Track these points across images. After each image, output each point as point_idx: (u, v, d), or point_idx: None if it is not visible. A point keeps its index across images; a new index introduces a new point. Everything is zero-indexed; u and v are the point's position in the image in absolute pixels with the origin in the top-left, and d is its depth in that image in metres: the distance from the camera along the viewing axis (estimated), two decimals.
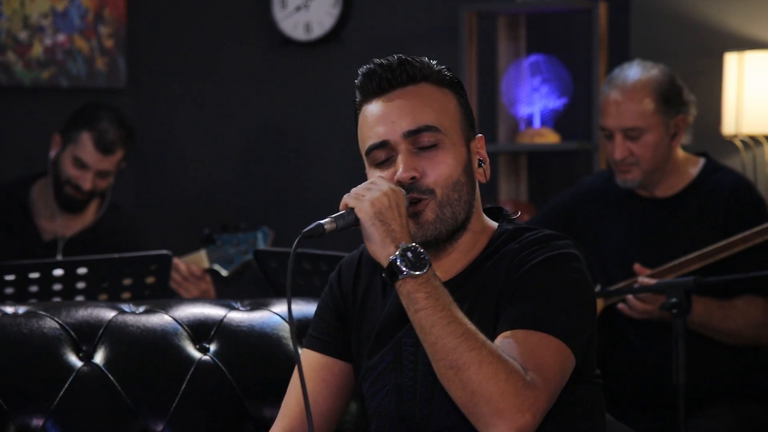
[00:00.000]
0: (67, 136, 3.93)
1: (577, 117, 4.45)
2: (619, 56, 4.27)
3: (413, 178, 1.96)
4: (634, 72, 3.37)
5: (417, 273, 1.88)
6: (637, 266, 3.25)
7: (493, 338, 1.91)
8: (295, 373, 2.08)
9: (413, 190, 1.96)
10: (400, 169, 1.96)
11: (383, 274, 1.91)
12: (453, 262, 2.01)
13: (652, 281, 3.14)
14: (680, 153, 3.42)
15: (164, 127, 4.92)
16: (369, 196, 1.92)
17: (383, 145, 1.99)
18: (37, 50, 4.74)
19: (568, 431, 1.97)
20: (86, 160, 3.90)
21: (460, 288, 1.98)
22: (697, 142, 3.51)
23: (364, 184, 1.96)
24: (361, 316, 2.08)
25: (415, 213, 1.97)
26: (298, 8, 4.73)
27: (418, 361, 1.98)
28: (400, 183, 1.96)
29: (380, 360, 2.02)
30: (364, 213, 1.92)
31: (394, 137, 1.98)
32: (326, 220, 1.93)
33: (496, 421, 1.83)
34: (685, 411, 2.89)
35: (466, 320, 1.88)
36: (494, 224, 2.06)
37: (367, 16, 4.70)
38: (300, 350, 2.11)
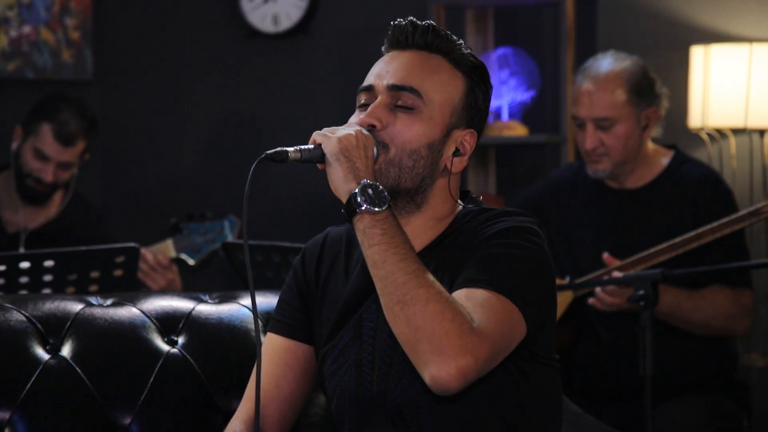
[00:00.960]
0: (28, 128, 3.90)
1: (545, 110, 4.46)
2: (587, 49, 4.28)
3: (372, 126, 1.98)
4: (607, 62, 3.39)
5: (376, 209, 1.89)
6: (606, 256, 3.27)
7: None
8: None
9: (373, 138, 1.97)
10: (366, 113, 1.99)
11: (342, 210, 1.91)
12: (413, 237, 1.98)
13: (621, 274, 3.16)
14: (650, 145, 3.44)
15: (131, 119, 4.90)
16: (338, 134, 1.94)
17: (369, 89, 2.01)
18: (3, 42, 4.70)
19: (523, 412, 1.97)
20: (47, 152, 3.86)
21: (422, 260, 1.97)
22: (664, 135, 3.53)
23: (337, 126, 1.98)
24: (322, 298, 2.08)
25: None
26: (265, 0, 4.71)
27: (377, 336, 1.99)
28: (360, 125, 1.97)
29: (341, 338, 2.03)
30: (330, 147, 1.93)
31: (380, 86, 2.01)
32: (292, 148, 1.96)
33: (436, 359, 1.82)
34: (652, 402, 2.91)
35: (419, 261, 1.88)
36: (457, 206, 2.07)
37: (336, 8, 4.69)
38: (265, 334, 2.13)
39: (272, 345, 2.10)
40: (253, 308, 1.97)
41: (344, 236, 2.09)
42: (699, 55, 3.93)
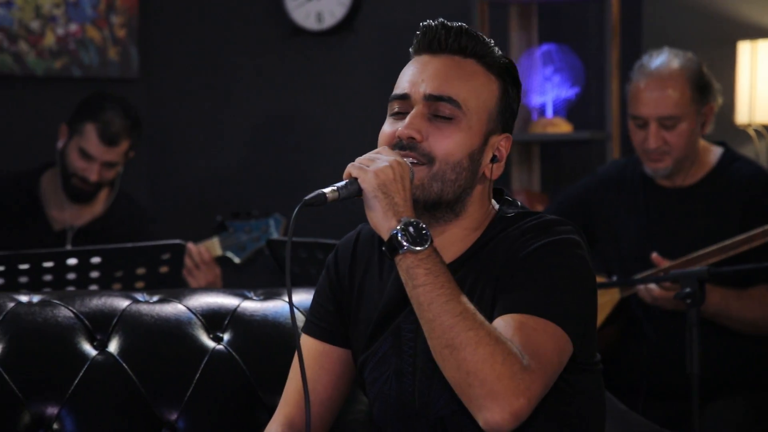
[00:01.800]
0: (73, 128, 3.93)
1: (589, 106, 4.44)
2: (632, 45, 4.26)
3: (412, 138, 1.93)
4: (666, 60, 3.34)
5: (418, 248, 1.85)
6: (654, 256, 3.24)
7: (491, 320, 1.89)
8: (295, 361, 2.07)
9: (413, 150, 1.93)
10: (405, 124, 1.94)
11: (383, 248, 1.88)
12: (447, 245, 1.96)
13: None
14: (701, 142, 3.40)
15: (176, 117, 4.92)
16: (373, 167, 1.89)
17: (404, 97, 1.96)
18: (50, 40, 4.74)
19: (569, 419, 1.95)
20: (91, 152, 3.89)
21: (459, 270, 1.96)
22: (711, 131, 3.50)
23: (369, 153, 1.93)
24: (358, 301, 2.05)
25: None
26: None
27: (417, 347, 1.96)
28: (399, 138, 1.93)
29: (380, 345, 2.00)
30: (367, 184, 1.88)
31: (416, 95, 1.95)
32: (329, 188, 1.90)
33: (489, 404, 1.80)
34: (699, 401, 2.88)
35: (465, 299, 1.85)
36: (494, 208, 2.02)
37: (379, 5, 4.69)
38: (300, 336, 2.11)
39: (307, 348, 2.08)
40: (293, 323, 1.96)
41: (377, 235, 2.03)
42: (746, 50, 3.90)
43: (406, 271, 1.86)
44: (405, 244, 1.85)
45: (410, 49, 2.01)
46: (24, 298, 2.37)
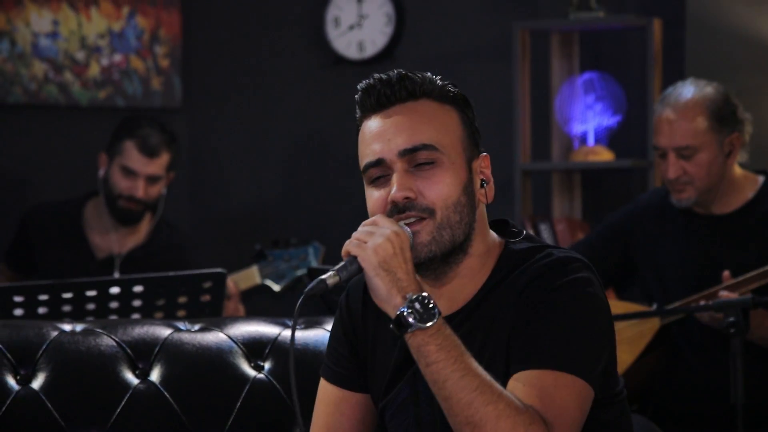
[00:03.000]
0: (112, 151, 3.99)
1: (631, 134, 4.42)
2: (674, 73, 4.24)
3: (407, 198, 1.88)
4: (687, 90, 3.34)
5: (426, 325, 1.80)
6: (726, 274, 3.21)
7: (506, 373, 1.85)
8: (317, 406, 2.03)
9: (411, 209, 1.88)
10: (394, 189, 1.88)
11: (391, 326, 1.83)
12: (458, 288, 1.93)
13: (734, 294, 3.11)
14: (738, 170, 3.38)
15: (218, 146, 4.96)
16: (372, 243, 1.84)
17: (378, 163, 1.91)
18: (94, 70, 4.79)
19: None
20: (133, 166, 3.94)
21: (470, 320, 1.91)
22: (753, 159, 3.47)
23: (364, 226, 1.88)
24: (374, 344, 1.99)
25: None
26: (351, 27, 4.75)
27: (435, 396, 1.89)
28: (394, 203, 1.88)
29: (398, 393, 1.95)
30: (367, 263, 1.83)
31: (390, 155, 1.90)
32: (328, 274, 1.85)
33: None
34: (744, 431, 2.85)
35: (480, 371, 1.80)
36: (500, 241, 1.96)
37: (420, 34, 4.71)
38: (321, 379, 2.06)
39: (326, 393, 2.03)
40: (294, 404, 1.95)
41: None
42: None
43: (416, 349, 1.81)
44: (412, 322, 1.80)
45: (357, 115, 1.96)
46: (67, 327, 2.39)
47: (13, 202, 4.56)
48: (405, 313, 1.81)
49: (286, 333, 2.45)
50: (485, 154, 1.97)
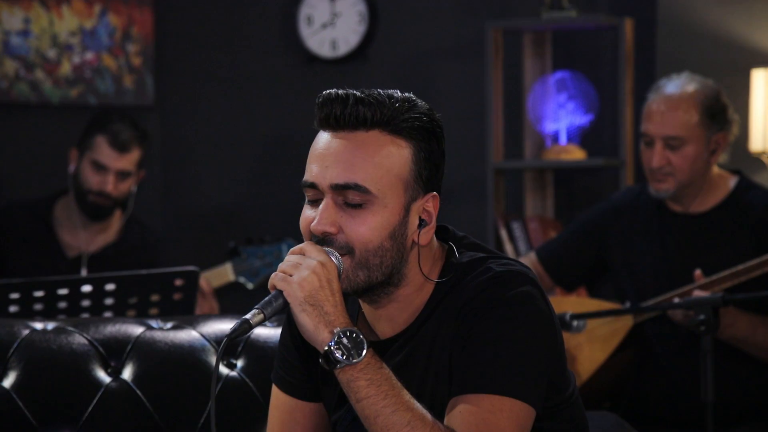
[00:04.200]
0: (83, 146, 3.98)
1: (603, 133, 4.44)
2: (646, 73, 4.26)
3: (326, 233, 1.83)
4: (683, 82, 3.35)
5: (354, 361, 1.76)
6: (697, 273, 3.22)
7: (449, 395, 1.82)
8: (271, 412, 2.00)
9: (330, 244, 1.83)
10: (316, 221, 1.83)
11: (320, 360, 1.79)
12: (397, 312, 1.88)
13: (706, 292, 3.12)
14: (715, 169, 3.40)
15: (191, 143, 4.95)
16: (297, 277, 1.79)
17: (312, 186, 1.85)
18: (66, 68, 4.77)
19: None
20: (104, 161, 3.93)
21: (411, 342, 1.88)
22: (726, 160, 3.50)
23: (291, 255, 1.82)
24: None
25: None
26: (324, 25, 4.75)
27: None
28: (314, 233, 1.84)
29: (348, 410, 1.90)
30: (293, 297, 1.78)
31: (323, 184, 1.84)
32: (252, 312, 1.80)
33: None
34: (714, 429, 2.87)
35: (411, 402, 1.77)
36: (441, 253, 1.91)
37: (393, 33, 4.71)
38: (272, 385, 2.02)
39: (279, 401, 2.00)
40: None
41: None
42: (760, 78, 3.90)
43: (346, 384, 1.78)
44: (341, 358, 1.77)
45: (314, 122, 1.89)
46: (38, 326, 2.38)
47: None
48: (332, 349, 1.77)
49: (259, 330, 2.45)
50: (434, 194, 1.87)
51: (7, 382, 2.29)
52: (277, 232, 4.33)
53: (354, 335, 1.78)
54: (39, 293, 3.17)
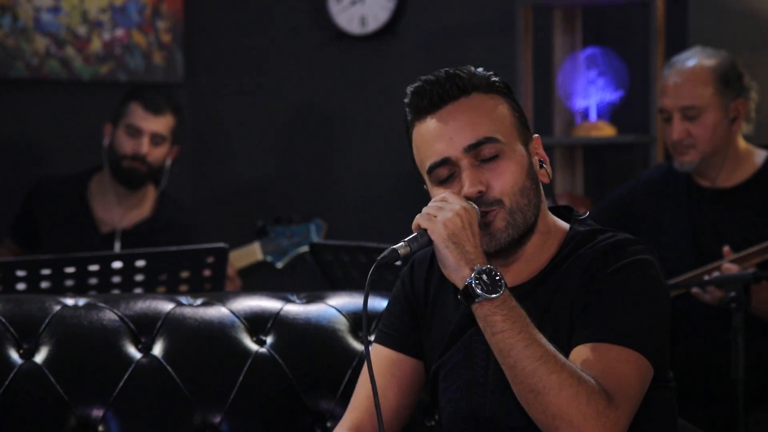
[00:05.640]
0: (117, 117, 4.01)
1: (633, 110, 4.42)
2: (677, 48, 4.22)
3: (480, 192, 1.96)
4: (693, 55, 3.37)
5: (493, 296, 1.87)
6: (726, 249, 3.22)
7: (567, 347, 1.91)
8: (366, 367, 2.07)
9: (481, 204, 1.95)
10: (467, 185, 1.95)
11: (458, 296, 1.91)
12: (523, 266, 2.00)
13: (736, 267, 3.11)
14: (742, 143, 3.39)
15: (220, 121, 4.95)
16: (441, 217, 1.91)
17: (445, 162, 1.97)
18: (96, 45, 4.79)
19: None
20: (138, 124, 3.96)
21: (532, 293, 1.98)
22: (756, 134, 3.47)
23: (435, 201, 1.95)
24: (432, 312, 2.08)
25: (485, 224, 1.96)
26: (353, 2, 4.74)
27: (489, 360, 1.98)
28: (468, 198, 1.95)
29: (452, 355, 2.02)
30: (437, 235, 1.91)
31: (455, 153, 1.96)
32: (400, 244, 1.92)
33: None
34: (745, 406, 2.86)
35: (544, 341, 1.87)
36: (564, 225, 2.05)
37: (422, 10, 4.70)
38: (371, 345, 2.12)
39: (379, 356, 2.10)
40: (365, 333, 1.97)
41: None
42: None
43: (483, 319, 1.89)
44: (480, 292, 1.88)
45: (408, 118, 2.01)
46: (70, 302, 2.40)
47: (17, 178, 4.56)
48: (473, 284, 1.88)
49: (288, 307, 2.46)
50: (536, 135, 2.04)
51: (39, 358, 2.31)
52: (306, 211, 4.34)
53: (493, 273, 1.89)
54: (70, 269, 3.19)
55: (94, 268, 3.21)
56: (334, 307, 2.47)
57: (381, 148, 4.72)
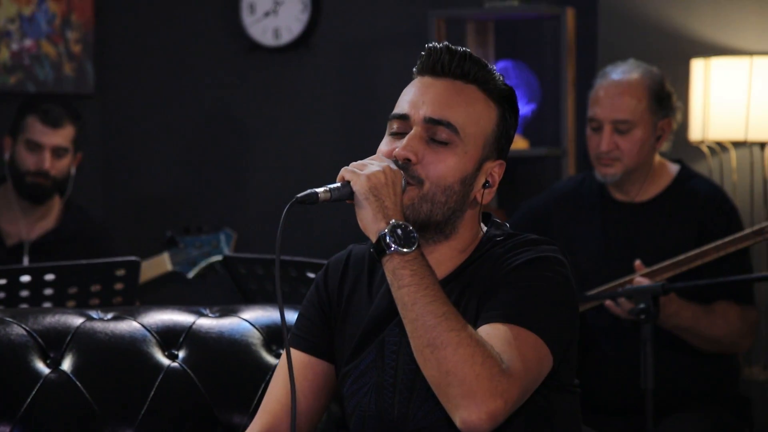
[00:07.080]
0: (16, 130, 3.96)
1: (546, 123, 4.46)
2: (587, 62, 4.29)
3: (408, 160, 1.96)
4: (630, 68, 3.42)
5: (405, 250, 1.89)
6: (637, 263, 3.26)
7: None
8: (278, 371, 2.09)
9: (405, 171, 1.96)
10: (402, 145, 1.97)
11: (371, 249, 1.92)
12: (437, 264, 1.99)
13: (646, 281, 3.15)
14: (657, 158, 3.44)
15: (131, 131, 4.91)
16: (366, 171, 1.93)
17: (403, 117, 1.99)
18: (4, 55, 4.71)
19: None
20: (37, 138, 3.91)
21: (446, 287, 1.98)
22: (672, 147, 3.54)
23: (365, 159, 1.97)
24: (345, 316, 2.08)
25: None
26: (266, 14, 4.72)
27: (399, 360, 1.99)
28: (395, 159, 1.96)
29: (363, 359, 2.03)
30: (359, 186, 1.92)
31: (415, 116, 1.98)
32: (322, 189, 1.93)
33: (467, 403, 1.83)
34: (654, 417, 2.90)
35: (449, 303, 1.88)
36: (482, 230, 2.06)
37: (336, 22, 4.70)
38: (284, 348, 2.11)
39: (292, 360, 2.08)
40: (283, 329, 1.96)
41: (367, 254, 2.08)
42: (699, 68, 3.93)
43: (392, 272, 1.90)
44: (392, 245, 1.89)
45: (414, 69, 2.04)
46: None
47: None
48: (386, 237, 1.89)
49: (201, 321, 2.44)
50: (502, 161, 2.03)
51: None
52: (216, 221, 4.32)
53: (408, 229, 1.91)
54: None
55: (1, 282, 3.15)
56: (248, 321, 2.45)
57: (293, 160, 4.71)
